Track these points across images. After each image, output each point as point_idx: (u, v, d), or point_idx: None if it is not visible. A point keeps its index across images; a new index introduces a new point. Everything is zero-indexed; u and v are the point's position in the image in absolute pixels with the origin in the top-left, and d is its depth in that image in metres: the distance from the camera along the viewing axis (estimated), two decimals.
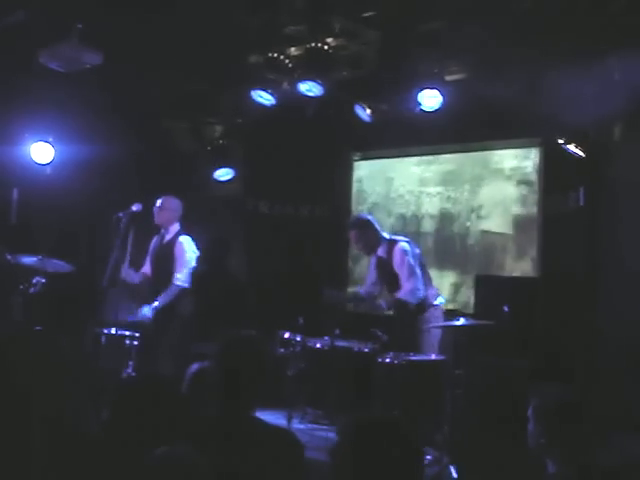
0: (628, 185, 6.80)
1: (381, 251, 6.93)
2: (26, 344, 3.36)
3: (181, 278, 6.95)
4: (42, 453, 2.62)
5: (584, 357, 6.72)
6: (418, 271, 6.74)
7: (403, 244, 6.86)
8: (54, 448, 2.67)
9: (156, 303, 6.84)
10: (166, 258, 7.05)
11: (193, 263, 7.04)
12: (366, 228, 6.97)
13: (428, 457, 5.59)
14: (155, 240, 7.26)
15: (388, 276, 6.90)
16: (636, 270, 6.51)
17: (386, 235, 7.04)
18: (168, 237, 7.11)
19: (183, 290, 6.98)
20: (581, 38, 6.10)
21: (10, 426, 2.65)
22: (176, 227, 7.12)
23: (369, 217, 7.21)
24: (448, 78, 7.18)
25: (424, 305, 6.72)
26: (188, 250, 7.02)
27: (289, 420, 6.37)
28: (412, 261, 6.74)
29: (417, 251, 6.93)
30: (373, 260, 7.17)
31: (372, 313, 8.42)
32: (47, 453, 2.63)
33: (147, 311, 6.81)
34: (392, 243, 6.91)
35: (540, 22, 6.11)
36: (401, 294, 6.68)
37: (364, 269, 8.85)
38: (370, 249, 7.02)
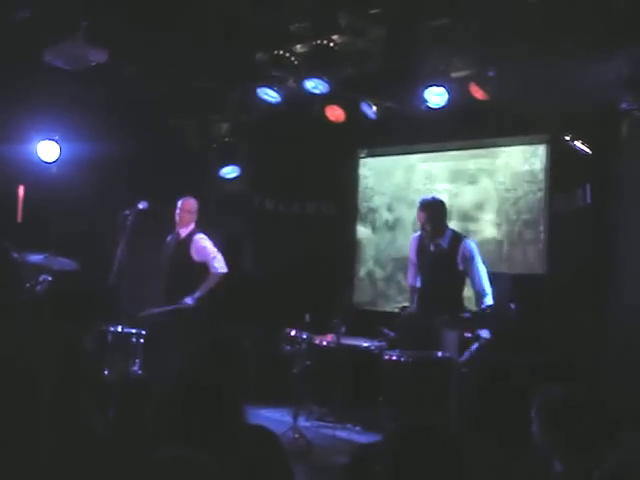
0: (635, 182, 6.77)
1: (445, 241, 6.70)
2: (37, 341, 3.36)
3: (219, 265, 7.22)
4: (50, 450, 2.63)
5: (591, 355, 6.70)
6: (484, 269, 6.57)
7: (473, 241, 6.73)
8: (62, 446, 2.68)
9: (197, 293, 7.04)
10: (183, 255, 7.24)
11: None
12: (439, 210, 6.76)
13: None
14: (170, 238, 7.43)
15: (442, 269, 6.67)
16: None
17: (450, 227, 6.87)
18: (183, 235, 7.32)
19: (223, 275, 7.22)
20: (588, 34, 6.07)
21: (19, 422, 2.66)
22: (191, 226, 7.34)
23: (443, 200, 6.97)
24: (454, 75, 7.16)
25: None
26: (209, 245, 7.26)
27: (295, 417, 6.37)
28: (481, 259, 6.58)
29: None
30: (417, 246, 6.91)
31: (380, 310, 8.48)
32: (55, 450, 2.64)
33: (189, 300, 7.00)
34: (459, 237, 6.72)
35: (547, 18, 6.08)
36: (482, 302, 6.44)
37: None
38: (436, 233, 6.69)
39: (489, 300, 6.47)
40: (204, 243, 7.24)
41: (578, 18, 6.01)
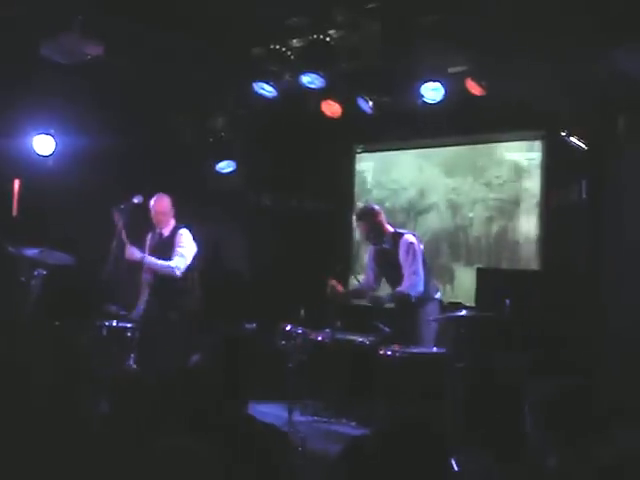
0: (631, 177, 6.78)
1: (386, 242, 6.93)
2: (32, 335, 3.37)
3: (177, 264, 7.01)
4: (46, 446, 2.63)
5: (586, 350, 6.71)
6: (421, 265, 6.76)
7: (410, 237, 6.89)
8: (58, 440, 2.68)
9: (149, 258, 6.94)
10: (166, 253, 7.10)
11: (190, 255, 7.08)
12: (375, 218, 6.95)
13: None
14: (151, 236, 7.29)
15: (391, 268, 6.91)
16: (638, 263, 6.50)
17: (390, 228, 7.04)
18: (166, 232, 7.19)
19: (172, 273, 7.00)
20: (585, 29, 6.07)
21: (12, 416, 2.66)
22: (171, 223, 7.20)
23: (377, 207, 7.19)
24: (450, 70, 7.16)
25: (424, 298, 6.74)
26: (186, 242, 7.10)
27: (290, 412, 6.37)
28: (417, 255, 6.76)
29: (421, 246, 6.93)
30: (373, 252, 7.17)
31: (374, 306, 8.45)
32: (51, 445, 2.64)
33: (136, 252, 6.94)
34: (398, 235, 6.92)
35: (543, 13, 6.08)
36: (402, 287, 6.68)
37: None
38: (377, 239, 6.98)
39: (411, 291, 6.66)
40: (183, 239, 7.11)
41: (574, 14, 6.00)
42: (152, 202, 7.10)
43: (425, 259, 6.92)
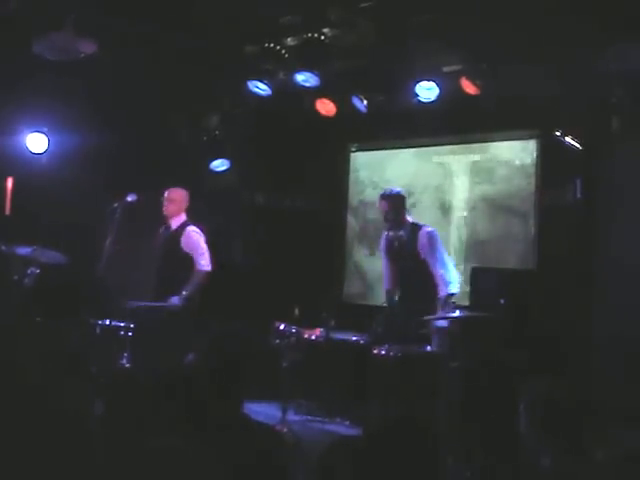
0: (625, 177, 6.79)
1: (403, 230, 6.93)
2: (25, 334, 3.35)
3: (204, 263, 7.11)
4: (40, 445, 2.62)
5: (580, 350, 6.72)
6: (446, 253, 6.84)
7: (429, 228, 6.92)
8: (51, 440, 2.67)
9: (184, 292, 6.94)
10: (173, 247, 7.15)
11: (206, 248, 7.16)
12: (398, 200, 6.98)
13: None
14: (162, 230, 7.37)
15: (403, 258, 6.92)
16: (633, 263, 6.51)
17: (410, 219, 7.05)
18: (174, 226, 7.22)
19: (207, 273, 7.11)
20: (579, 29, 6.07)
21: (5, 415, 2.64)
22: (182, 217, 7.24)
23: (402, 193, 7.17)
24: (445, 69, 7.16)
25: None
26: (199, 240, 7.16)
27: (284, 411, 6.36)
28: (439, 244, 6.82)
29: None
30: (386, 241, 7.16)
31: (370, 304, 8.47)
32: (45, 445, 2.63)
33: (176, 300, 6.91)
34: (417, 227, 6.93)
35: (538, 13, 6.08)
36: (443, 289, 6.64)
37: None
38: (395, 221, 6.96)
39: (452, 288, 6.64)
40: (196, 237, 7.14)
41: (569, 14, 6.01)
42: (167, 193, 7.21)
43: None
